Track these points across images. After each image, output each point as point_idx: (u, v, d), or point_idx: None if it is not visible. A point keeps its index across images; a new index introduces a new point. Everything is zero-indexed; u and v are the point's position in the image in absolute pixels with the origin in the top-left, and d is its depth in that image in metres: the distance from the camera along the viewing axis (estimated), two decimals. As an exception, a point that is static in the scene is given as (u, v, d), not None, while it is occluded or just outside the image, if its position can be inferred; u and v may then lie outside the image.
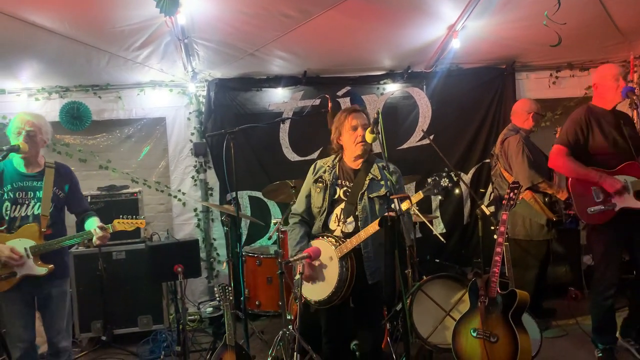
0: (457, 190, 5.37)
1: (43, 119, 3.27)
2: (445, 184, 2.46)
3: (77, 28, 3.99)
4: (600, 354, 3.69)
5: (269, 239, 4.47)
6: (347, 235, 2.82)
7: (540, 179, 4.18)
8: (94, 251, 4.55)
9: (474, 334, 3.35)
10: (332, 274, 2.79)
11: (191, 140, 5.45)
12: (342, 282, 2.74)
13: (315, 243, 2.91)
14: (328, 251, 2.83)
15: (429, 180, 2.51)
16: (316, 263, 2.86)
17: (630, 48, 5.14)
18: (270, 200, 5.36)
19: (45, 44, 4.13)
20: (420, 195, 2.54)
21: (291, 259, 2.77)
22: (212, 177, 5.48)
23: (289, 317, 3.76)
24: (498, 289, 3.34)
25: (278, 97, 5.44)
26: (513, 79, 5.52)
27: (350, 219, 2.84)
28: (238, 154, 5.04)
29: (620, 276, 3.59)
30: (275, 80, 5.37)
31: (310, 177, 3.07)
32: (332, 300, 2.79)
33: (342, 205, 2.89)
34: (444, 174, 2.47)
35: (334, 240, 2.82)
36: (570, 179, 3.62)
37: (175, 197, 5.48)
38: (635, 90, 3.50)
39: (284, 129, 5.45)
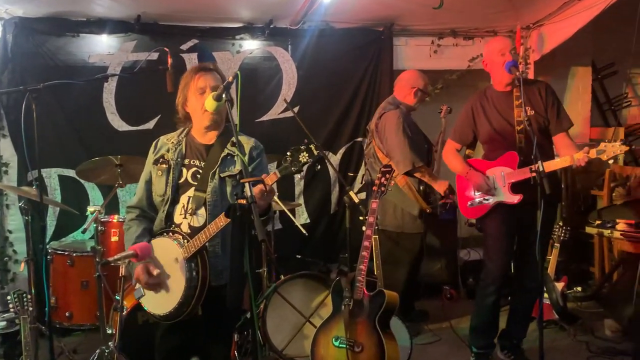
0: (318, 167, 5.50)
1: None
2: (305, 160, 2.49)
3: None
4: (473, 360, 4.11)
5: (84, 232, 4.31)
6: (197, 230, 2.76)
7: (420, 162, 4.45)
8: None
9: (336, 343, 3.52)
10: (178, 280, 2.73)
11: (-23, 99, 5.03)
12: (191, 289, 2.69)
13: (156, 242, 2.82)
14: (172, 251, 2.75)
15: (287, 154, 2.53)
16: (159, 270, 2.79)
17: (517, 17, 5.62)
18: (88, 182, 5.15)
19: None
20: (275, 175, 2.55)
21: (111, 259, 2.67)
22: (7, 149, 5.14)
23: (109, 332, 3.66)
24: (365, 289, 3.54)
25: (102, 46, 5.21)
26: (391, 45, 5.79)
27: (202, 209, 2.80)
28: (45, 120, 4.82)
29: (506, 272, 4.00)
30: (98, 25, 5.12)
31: (150, 157, 2.97)
32: (181, 312, 2.74)
33: (191, 192, 2.84)
34: (302, 147, 2.49)
35: (180, 237, 2.76)
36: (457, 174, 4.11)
37: (-48, 174, 5.06)
38: (520, 66, 3.82)
39: (110, 89, 5.24)
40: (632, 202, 5.15)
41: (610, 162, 3.51)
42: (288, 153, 2.52)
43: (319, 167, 5.35)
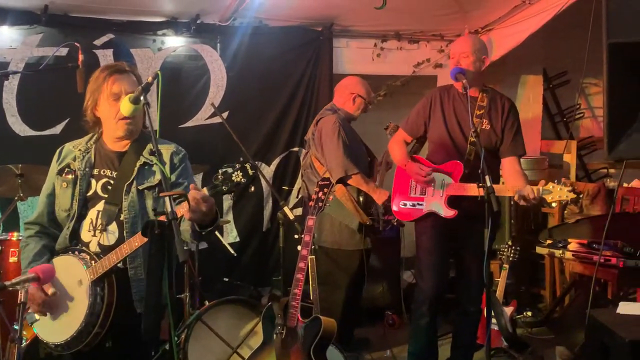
0: (252, 188, 5.52)
1: None
2: (238, 179, 2.51)
3: None
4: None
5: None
6: (108, 249, 2.71)
7: (355, 169, 4.47)
8: None
9: (267, 377, 3.51)
10: (80, 304, 2.67)
11: None
12: (93, 315, 2.64)
13: (59, 261, 2.75)
14: (76, 272, 2.69)
15: (218, 172, 2.56)
16: (55, 290, 2.70)
17: (465, 20, 5.79)
18: (-17, 194, 4.98)
19: None
20: (204, 193, 2.56)
21: (9, 283, 2.59)
22: None
23: (5, 367, 3.54)
24: (299, 316, 3.54)
25: (2, 39, 5.09)
26: (330, 47, 5.88)
27: (113, 225, 2.76)
28: None
29: (441, 291, 4.04)
30: (-2, 15, 5.01)
31: (54, 167, 2.90)
32: (79, 342, 2.67)
33: (100, 206, 2.79)
34: (237, 166, 2.53)
35: (88, 257, 2.70)
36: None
37: None
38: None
39: (10, 89, 5.12)
40: (584, 220, 5.33)
41: (554, 205, 3.58)
42: (220, 171, 2.53)
43: (252, 188, 5.35)
